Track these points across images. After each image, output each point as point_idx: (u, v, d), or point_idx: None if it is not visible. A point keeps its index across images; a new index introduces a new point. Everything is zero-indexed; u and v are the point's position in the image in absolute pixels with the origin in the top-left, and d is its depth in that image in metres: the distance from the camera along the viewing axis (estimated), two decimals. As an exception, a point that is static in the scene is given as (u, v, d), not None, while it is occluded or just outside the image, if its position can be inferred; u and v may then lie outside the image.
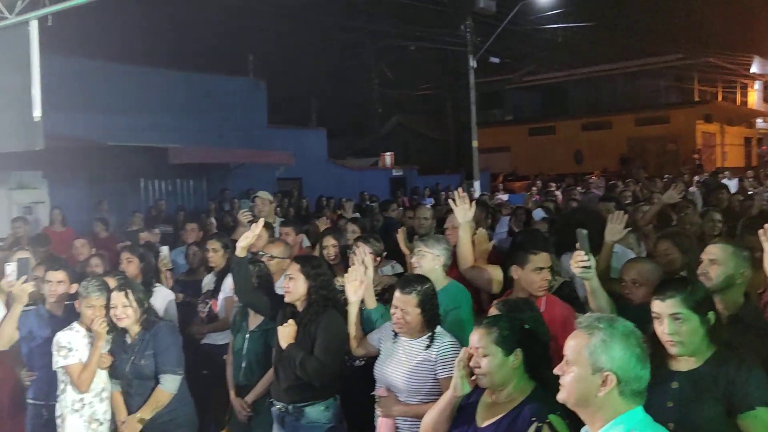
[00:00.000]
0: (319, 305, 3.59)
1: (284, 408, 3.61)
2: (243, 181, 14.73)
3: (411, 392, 3.18)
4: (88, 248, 6.31)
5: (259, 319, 4.03)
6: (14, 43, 4.32)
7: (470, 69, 18.31)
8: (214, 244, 5.00)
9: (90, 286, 3.85)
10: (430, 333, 3.23)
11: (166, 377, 3.75)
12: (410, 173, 22.14)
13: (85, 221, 10.11)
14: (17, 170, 11.39)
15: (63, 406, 3.80)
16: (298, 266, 3.63)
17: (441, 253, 3.87)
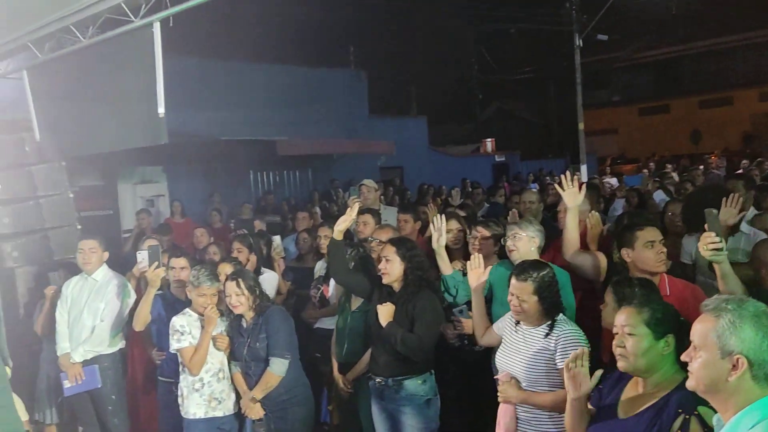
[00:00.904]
0: (415, 285, 3.71)
1: (383, 381, 3.75)
2: (346, 170, 15.00)
3: (530, 381, 3.12)
4: (207, 237, 6.68)
5: (360, 300, 4.16)
6: (139, 45, 4.61)
7: (576, 48, 17.64)
8: (325, 231, 5.12)
9: (201, 276, 4.03)
10: (550, 321, 3.15)
11: (275, 360, 3.90)
12: (512, 159, 21.71)
13: (200, 212, 10.66)
14: (140, 165, 12.18)
15: (184, 385, 4.02)
16: (394, 248, 3.75)
17: (535, 234, 3.86)
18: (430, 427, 3.73)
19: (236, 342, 4.04)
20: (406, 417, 3.71)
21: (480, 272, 3.63)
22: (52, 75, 5.73)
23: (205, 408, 3.99)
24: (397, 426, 3.77)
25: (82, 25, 4.86)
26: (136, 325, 4.38)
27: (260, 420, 4.00)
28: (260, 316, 3.99)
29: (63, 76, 5.64)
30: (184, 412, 3.99)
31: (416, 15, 20.58)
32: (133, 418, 4.88)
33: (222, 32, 12.46)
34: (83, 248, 4.72)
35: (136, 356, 4.98)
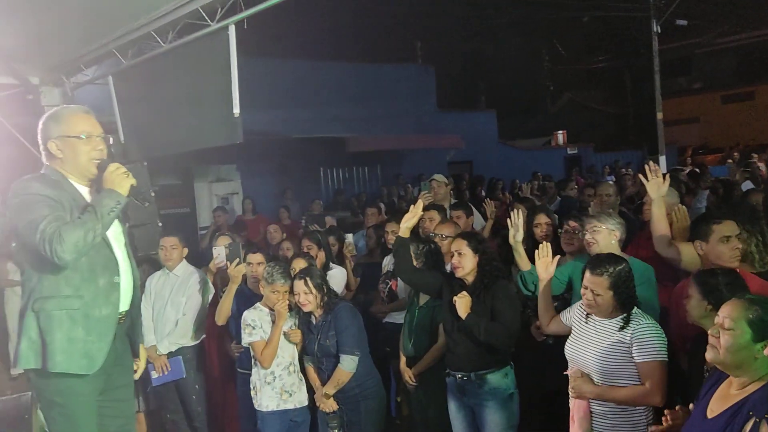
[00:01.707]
0: (491, 276, 3.71)
1: (465, 376, 3.73)
2: (415, 166, 15.01)
3: (604, 375, 3.07)
4: (280, 233, 6.85)
5: (428, 296, 4.16)
6: (215, 48, 4.78)
7: (653, 35, 16.95)
8: (392, 226, 5.14)
9: (274, 273, 4.12)
10: (625, 314, 3.09)
11: (344, 357, 3.96)
12: (585, 151, 21.12)
13: (273, 209, 10.94)
14: (215, 164, 12.61)
15: (256, 379, 4.13)
16: (465, 242, 3.76)
17: (615, 227, 3.73)
18: (512, 422, 3.70)
19: (307, 338, 4.14)
20: (488, 412, 3.68)
21: (548, 261, 3.59)
22: (135, 79, 6.02)
23: (277, 400, 4.09)
24: (478, 422, 3.75)
25: (162, 31, 5.08)
26: (219, 319, 4.54)
27: (333, 413, 4.09)
28: (329, 314, 4.05)
29: (144, 80, 5.91)
30: (257, 404, 4.11)
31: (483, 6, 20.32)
32: (210, 408, 5.06)
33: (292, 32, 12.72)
34: (165, 245, 4.91)
35: (212, 349, 5.15)
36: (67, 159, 2.81)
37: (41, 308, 2.66)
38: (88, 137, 2.82)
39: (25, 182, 2.71)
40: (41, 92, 6.75)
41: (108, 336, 2.79)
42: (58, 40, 5.74)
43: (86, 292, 2.73)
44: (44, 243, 2.53)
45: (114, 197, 2.72)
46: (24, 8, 5.23)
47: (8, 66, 6.25)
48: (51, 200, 2.65)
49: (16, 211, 2.66)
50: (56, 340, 2.64)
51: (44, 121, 2.84)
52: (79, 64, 6.11)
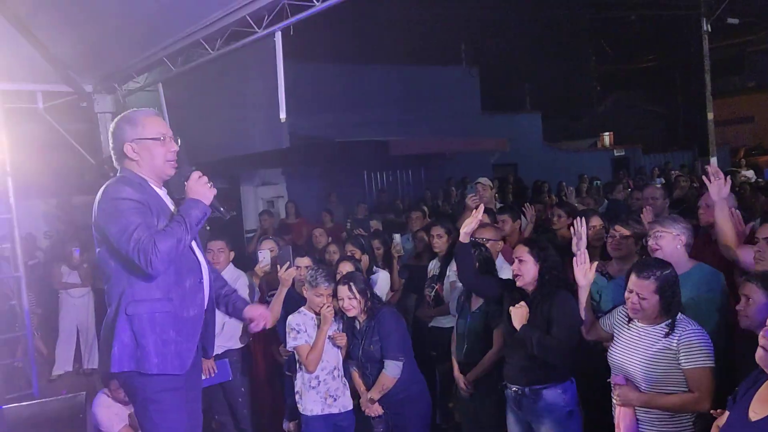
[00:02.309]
0: (551, 285, 3.56)
1: (520, 390, 3.60)
2: (459, 168, 14.90)
3: (651, 382, 2.99)
4: (325, 237, 6.89)
5: (480, 300, 4.10)
6: (262, 54, 4.85)
7: (704, 34, 16.48)
8: (438, 230, 5.11)
9: (318, 277, 4.12)
10: (670, 320, 3.00)
11: (389, 362, 3.95)
12: (633, 153, 20.64)
13: (317, 212, 11.02)
14: (261, 168, 12.79)
15: (300, 383, 4.13)
16: (527, 249, 3.62)
17: (681, 231, 3.57)
18: None
19: (351, 343, 4.13)
20: (545, 430, 3.54)
21: (586, 268, 3.46)
22: (183, 86, 6.16)
23: (322, 405, 4.09)
24: (535, 438, 3.61)
25: (210, 38, 5.18)
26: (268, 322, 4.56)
27: (379, 417, 4.08)
28: (372, 319, 4.04)
29: (192, 86, 6.05)
30: (302, 408, 4.11)
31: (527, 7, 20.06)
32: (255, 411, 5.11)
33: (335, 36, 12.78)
34: (212, 248, 4.96)
35: (258, 352, 5.20)
36: (143, 161, 2.81)
37: (134, 312, 2.70)
38: (163, 139, 2.83)
39: (116, 186, 2.72)
40: (94, 99, 6.98)
41: (195, 337, 2.85)
42: (111, 50, 5.92)
43: (175, 295, 2.77)
44: (138, 252, 2.57)
45: (201, 209, 2.75)
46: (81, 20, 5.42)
47: (65, 75, 6.47)
48: (141, 205, 2.67)
49: (106, 216, 2.67)
50: (151, 342, 2.69)
51: (118, 124, 2.85)
52: (130, 72, 6.28)
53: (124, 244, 2.60)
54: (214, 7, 4.75)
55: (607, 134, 21.33)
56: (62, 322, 7.79)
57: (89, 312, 7.95)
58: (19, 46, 5.82)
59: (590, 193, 8.95)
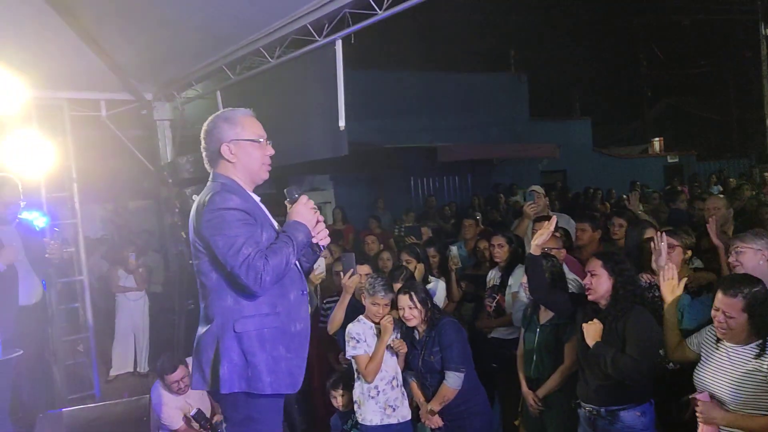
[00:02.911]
0: (626, 301, 3.40)
1: (595, 410, 3.47)
2: (506, 175, 14.77)
3: (738, 404, 2.85)
4: (377, 244, 6.87)
5: (549, 314, 3.98)
6: (322, 62, 4.85)
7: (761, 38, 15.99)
8: (499, 239, 5.03)
9: (377, 285, 4.09)
10: (761, 341, 2.86)
11: (449, 374, 3.89)
12: (687, 159, 20.09)
13: (363, 219, 11.03)
14: (309, 174, 12.87)
15: (359, 393, 4.09)
16: (600, 262, 3.48)
17: (763, 246, 3.41)
18: None
19: (410, 353, 4.09)
20: None
21: (674, 284, 3.35)
22: (241, 93, 6.21)
23: (381, 415, 4.04)
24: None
25: (270, 47, 5.22)
26: (330, 329, 4.56)
27: (439, 429, 4.03)
28: (432, 329, 3.99)
29: (250, 94, 6.09)
30: (360, 418, 4.07)
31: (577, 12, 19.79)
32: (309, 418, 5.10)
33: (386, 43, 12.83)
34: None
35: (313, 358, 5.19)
36: (240, 164, 2.68)
37: (243, 330, 2.56)
38: (261, 141, 2.71)
39: (222, 195, 2.55)
40: (154, 107, 7.12)
41: (303, 351, 2.72)
42: (172, 58, 6.03)
43: (282, 308, 2.64)
44: (247, 268, 2.44)
45: (306, 233, 2.63)
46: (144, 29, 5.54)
47: (127, 83, 6.62)
48: (247, 216, 2.54)
49: (212, 228, 2.50)
50: (262, 361, 2.56)
51: (216, 123, 2.71)
52: (190, 80, 6.38)
53: (231, 259, 2.46)
54: (276, 17, 4.78)
55: (657, 140, 20.82)
56: (119, 324, 7.96)
57: (144, 315, 8.10)
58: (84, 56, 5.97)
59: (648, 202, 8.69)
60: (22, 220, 5.06)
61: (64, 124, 6.60)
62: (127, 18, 5.50)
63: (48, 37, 5.56)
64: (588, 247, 5.12)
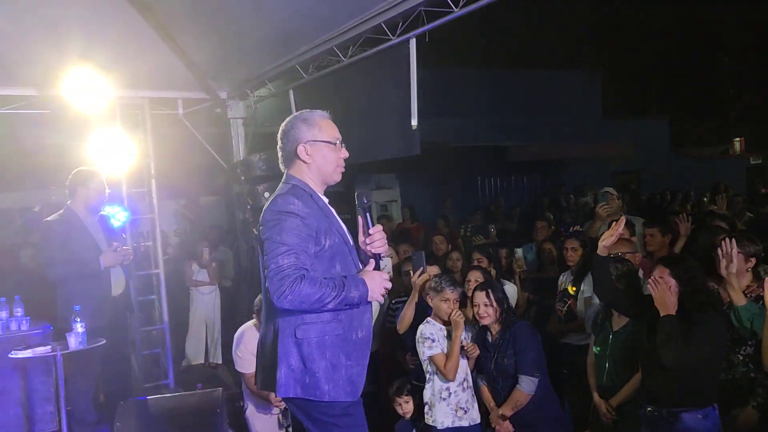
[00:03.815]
0: (694, 309, 3.28)
1: (656, 411, 3.37)
2: (576, 175, 14.39)
3: None
4: (446, 244, 6.82)
5: (624, 320, 3.84)
6: (395, 60, 4.84)
7: None
8: (572, 243, 4.92)
9: (443, 282, 4.07)
10: None
11: (524, 378, 3.83)
12: (772, 160, 19.07)
13: (429, 217, 10.97)
14: (376, 173, 12.92)
15: (431, 394, 4.06)
16: (668, 270, 3.35)
17: None
18: None
19: (482, 356, 4.03)
20: None
21: None
22: (313, 92, 6.28)
23: (452, 417, 4.00)
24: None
25: (343, 46, 5.24)
26: (400, 329, 4.54)
27: (509, 435, 3.95)
28: (506, 331, 3.93)
29: (322, 92, 6.15)
30: (431, 420, 4.02)
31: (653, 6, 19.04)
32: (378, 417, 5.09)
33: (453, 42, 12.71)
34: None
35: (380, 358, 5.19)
36: (315, 165, 2.68)
37: (304, 336, 2.53)
38: (336, 144, 2.71)
39: (285, 197, 2.55)
40: (228, 106, 7.29)
41: (365, 359, 2.66)
42: (247, 57, 6.16)
43: (344, 316, 2.58)
44: (276, 277, 2.40)
45: (361, 296, 2.54)
46: (220, 29, 5.67)
47: (203, 82, 6.81)
48: (304, 224, 2.50)
49: (268, 228, 2.50)
50: (321, 368, 2.53)
51: (294, 123, 2.71)
52: (263, 78, 6.49)
53: (268, 262, 2.45)
54: (351, 15, 4.79)
55: (739, 140, 19.85)
56: (192, 316, 8.21)
57: (216, 308, 8.32)
58: (163, 56, 6.19)
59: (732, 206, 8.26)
60: (101, 215, 5.28)
61: (144, 122, 6.85)
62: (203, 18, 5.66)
63: (130, 39, 5.79)
64: (658, 252, 4.93)
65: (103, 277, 4.91)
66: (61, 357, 4.14)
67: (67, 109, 5.73)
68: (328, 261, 2.59)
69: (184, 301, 8.30)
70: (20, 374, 5.06)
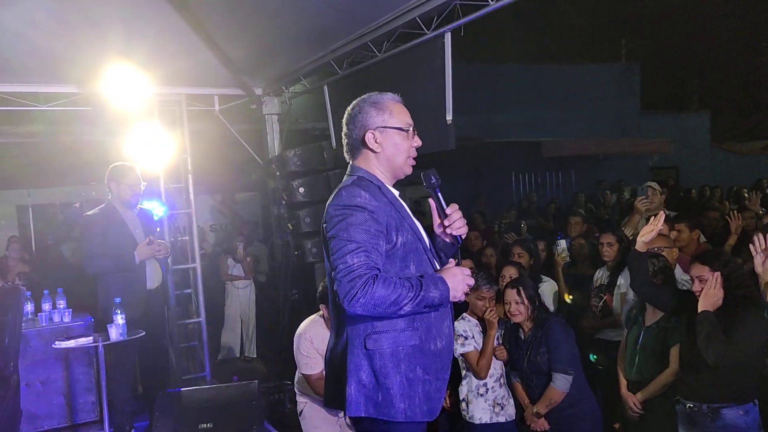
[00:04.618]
0: (736, 305, 3.24)
1: (696, 407, 3.34)
2: (613, 171, 14.15)
3: None
4: (480, 240, 6.78)
5: (657, 315, 3.80)
6: (430, 55, 4.82)
7: None
8: (608, 237, 4.85)
9: (479, 279, 4.03)
10: None
11: (557, 376, 3.80)
12: (817, 155, 18.44)
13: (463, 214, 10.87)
14: (410, 168, 12.89)
15: (467, 390, 4.05)
16: (707, 267, 3.31)
17: None
18: None
19: (515, 353, 4.01)
20: None
21: None
22: (347, 88, 6.29)
23: (490, 413, 3.99)
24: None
25: (377, 41, 5.24)
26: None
27: (545, 431, 3.92)
28: (539, 328, 3.90)
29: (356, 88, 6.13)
30: (468, 416, 4.02)
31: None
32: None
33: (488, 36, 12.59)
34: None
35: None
36: (384, 155, 2.39)
37: (375, 347, 2.23)
38: (408, 131, 2.44)
39: (351, 190, 2.26)
40: (263, 102, 7.36)
41: (444, 373, 2.35)
42: (282, 54, 6.20)
43: (420, 324, 2.27)
44: (346, 279, 2.11)
45: (442, 297, 2.20)
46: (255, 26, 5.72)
47: (238, 79, 6.88)
48: (374, 219, 2.21)
49: (333, 224, 2.22)
50: (396, 383, 2.23)
51: (362, 107, 2.43)
52: (298, 74, 6.53)
53: (335, 262, 2.16)
54: (386, 10, 4.79)
55: (782, 134, 19.23)
56: (228, 310, 8.33)
57: (251, 302, 8.43)
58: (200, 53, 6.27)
59: None
60: (142, 209, 5.39)
61: (181, 119, 6.96)
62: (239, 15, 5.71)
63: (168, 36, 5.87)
64: (687, 248, 4.83)
65: (139, 271, 5.00)
66: (102, 348, 4.24)
67: (106, 105, 5.86)
68: (401, 261, 2.29)
69: (219, 296, 8.43)
70: (63, 365, 5.21)
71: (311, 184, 6.37)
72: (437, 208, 2.50)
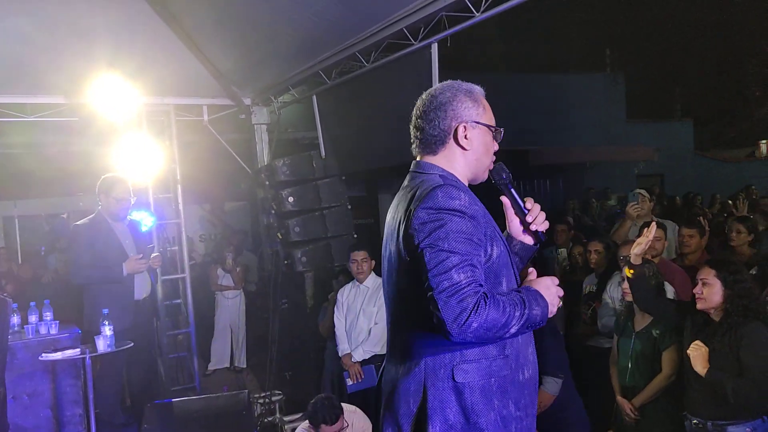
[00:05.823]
0: (740, 316, 3.22)
1: (701, 423, 3.33)
2: (599, 179, 14.28)
3: None
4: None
5: (646, 320, 3.84)
6: (417, 65, 4.86)
7: None
8: (596, 245, 4.90)
9: None
10: None
11: (548, 379, 3.82)
12: (800, 163, 18.72)
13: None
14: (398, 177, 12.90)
15: None
16: (714, 271, 3.31)
17: None
18: None
19: None
20: None
21: None
22: (335, 97, 6.33)
23: None
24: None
25: (365, 51, 5.28)
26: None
27: (535, 436, 3.93)
28: None
29: (344, 98, 6.20)
30: None
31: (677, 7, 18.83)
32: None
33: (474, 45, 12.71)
34: (356, 258, 5.04)
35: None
36: (473, 153, 2.05)
37: (466, 379, 1.87)
38: (495, 132, 2.10)
39: (446, 190, 1.88)
40: (252, 112, 7.37)
41: (534, 407, 2.03)
42: (270, 64, 6.23)
43: (511, 350, 1.93)
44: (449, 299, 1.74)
45: (543, 316, 1.86)
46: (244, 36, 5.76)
47: (227, 89, 6.90)
48: (474, 227, 1.85)
49: (425, 232, 1.83)
50: (490, 423, 1.87)
51: (454, 94, 2.04)
52: (287, 85, 6.56)
53: (434, 280, 1.77)
54: (373, 21, 4.83)
55: (764, 142, 19.52)
56: (217, 321, 8.28)
57: (241, 313, 8.39)
58: (189, 64, 6.30)
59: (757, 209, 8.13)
60: (132, 220, 5.37)
61: (170, 129, 6.95)
62: (228, 26, 5.75)
63: (157, 47, 5.89)
64: (694, 254, 4.87)
65: (127, 281, 4.98)
66: (89, 360, 4.21)
67: (94, 116, 5.85)
68: (495, 277, 1.94)
69: (209, 306, 8.39)
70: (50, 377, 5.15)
71: (300, 194, 6.38)
72: (512, 205, 2.17)
